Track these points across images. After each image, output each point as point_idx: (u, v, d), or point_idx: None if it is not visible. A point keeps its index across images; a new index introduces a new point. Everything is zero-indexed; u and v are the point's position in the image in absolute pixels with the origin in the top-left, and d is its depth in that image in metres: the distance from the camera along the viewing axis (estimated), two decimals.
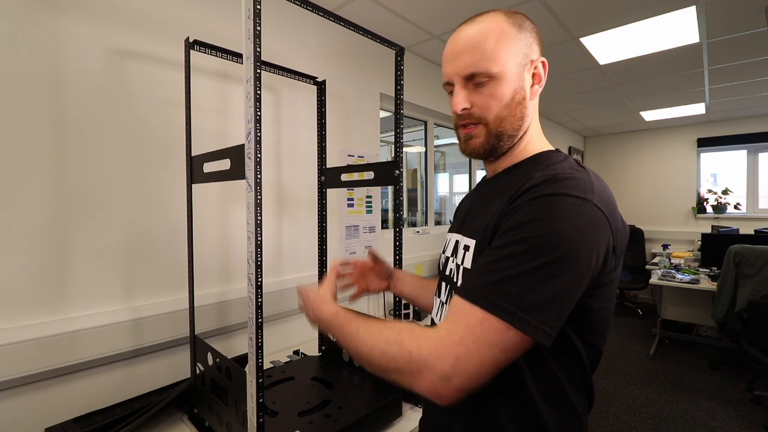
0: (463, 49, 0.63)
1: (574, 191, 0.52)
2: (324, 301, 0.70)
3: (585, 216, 0.51)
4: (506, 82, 0.62)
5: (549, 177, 0.55)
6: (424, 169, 2.77)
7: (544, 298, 0.48)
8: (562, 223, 0.49)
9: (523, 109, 0.65)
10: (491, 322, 0.48)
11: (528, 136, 0.68)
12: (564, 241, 0.49)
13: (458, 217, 0.80)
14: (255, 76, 0.69)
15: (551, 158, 0.64)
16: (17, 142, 0.95)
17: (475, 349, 0.47)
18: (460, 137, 0.69)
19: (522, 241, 0.50)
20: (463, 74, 0.63)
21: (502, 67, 0.61)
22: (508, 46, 0.62)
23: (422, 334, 0.51)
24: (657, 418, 2.42)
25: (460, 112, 0.64)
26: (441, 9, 1.76)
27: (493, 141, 0.65)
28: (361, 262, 0.96)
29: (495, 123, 0.64)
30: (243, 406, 0.77)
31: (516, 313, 0.47)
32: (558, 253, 0.48)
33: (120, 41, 1.12)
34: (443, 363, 0.48)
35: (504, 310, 0.48)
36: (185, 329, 1.14)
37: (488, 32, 0.62)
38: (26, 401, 0.96)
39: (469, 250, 0.64)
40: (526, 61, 0.64)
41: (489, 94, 0.62)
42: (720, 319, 2.75)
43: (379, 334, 0.56)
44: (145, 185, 1.17)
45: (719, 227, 4.01)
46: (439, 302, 0.76)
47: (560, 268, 0.48)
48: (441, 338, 0.49)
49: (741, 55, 2.39)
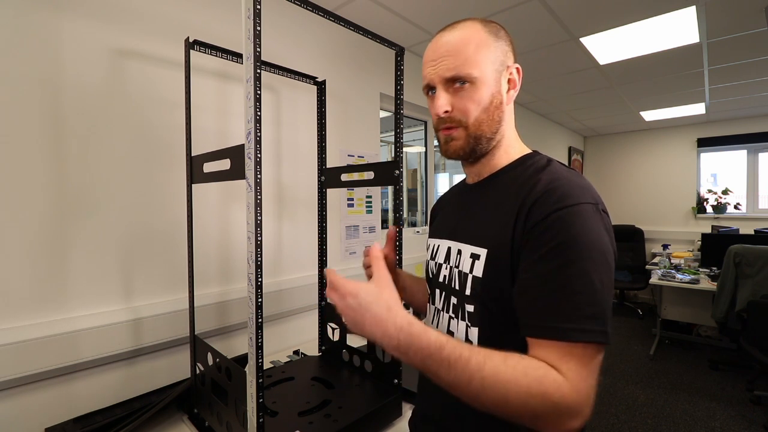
0: (446, 54, 0.65)
1: (587, 198, 0.57)
2: (393, 313, 0.52)
3: (602, 221, 0.57)
4: (485, 87, 0.65)
5: (558, 186, 0.58)
6: (424, 169, 2.77)
7: (608, 305, 0.53)
8: (593, 234, 0.54)
9: (500, 113, 0.68)
10: (593, 349, 0.52)
11: (507, 140, 0.71)
12: (606, 251, 0.55)
13: (444, 223, 0.80)
14: (255, 76, 0.69)
15: (538, 161, 0.68)
16: (17, 141, 0.95)
17: (593, 380, 0.52)
18: (441, 139, 0.71)
19: (571, 262, 0.53)
20: (445, 77, 0.65)
21: (482, 72, 0.65)
22: (487, 53, 0.65)
23: (561, 382, 0.49)
24: (657, 418, 2.42)
25: (442, 114, 0.66)
26: (441, 9, 1.76)
27: (473, 143, 0.67)
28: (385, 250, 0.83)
29: (474, 126, 0.66)
30: (243, 406, 0.77)
31: (605, 331, 0.52)
32: (606, 264, 0.54)
33: (120, 41, 1.12)
34: (585, 409, 0.50)
35: (599, 334, 0.51)
36: (185, 329, 1.14)
37: (468, 39, 0.65)
38: (26, 401, 0.96)
39: (479, 258, 0.64)
40: (503, 68, 0.67)
41: (469, 97, 0.65)
42: (720, 319, 2.75)
43: (515, 382, 0.49)
44: (145, 185, 1.17)
45: (719, 227, 4.01)
46: (434, 309, 0.76)
47: (608, 276, 0.54)
48: (576, 387, 0.49)
49: (741, 55, 2.39)
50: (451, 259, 0.71)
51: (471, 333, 0.66)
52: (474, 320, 0.65)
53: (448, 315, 0.71)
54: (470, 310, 0.66)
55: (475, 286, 0.64)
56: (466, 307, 0.66)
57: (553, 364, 0.51)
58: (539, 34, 2.04)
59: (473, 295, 0.65)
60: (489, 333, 0.64)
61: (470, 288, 0.65)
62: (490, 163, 0.72)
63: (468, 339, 0.66)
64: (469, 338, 0.66)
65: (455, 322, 0.69)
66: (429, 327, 0.52)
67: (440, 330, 0.70)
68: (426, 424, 0.76)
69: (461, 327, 0.68)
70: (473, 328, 0.65)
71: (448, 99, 0.66)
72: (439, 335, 0.51)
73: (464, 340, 0.65)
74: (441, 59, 0.65)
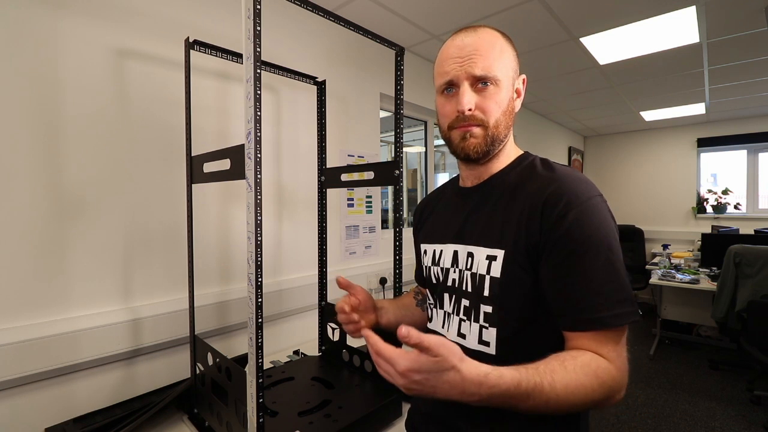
0: (474, 53, 0.66)
1: (594, 192, 0.62)
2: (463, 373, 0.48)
3: (609, 210, 0.62)
4: (505, 90, 0.68)
5: (566, 184, 0.62)
6: (424, 169, 2.77)
7: (629, 284, 0.59)
8: (608, 224, 0.60)
9: (512, 118, 0.71)
10: (624, 328, 0.59)
11: (509, 144, 0.74)
12: (616, 236, 0.61)
13: (443, 227, 0.79)
14: (255, 76, 0.69)
15: (534, 160, 0.72)
16: (16, 141, 0.95)
17: (626, 354, 0.60)
18: (455, 137, 0.70)
19: (596, 256, 0.58)
20: (475, 74, 0.66)
21: (504, 76, 0.67)
22: (507, 59, 0.68)
23: (609, 367, 0.56)
24: (657, 418, 2.42)
25: (467, 111, 0.66)
26: (441, 9, 1.76)
27: (489, 144, 0.68)
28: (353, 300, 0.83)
29: (494, 127, 0.68)
30: (243, 406, 0.77)
31: (635, 310, 0.58)
32: (619, 248, 0.60)
33: (120, 41, 1.12)
34: (626, 382, 0.58)
35: (631, 314, 0.57)
36: (185, 329, 1.14)
37: (494, 42, 0.68)
38: (26, 401, 0.96)
39: (495, 260, 0.65)
40: (516, 75, 0.71)
41: (492, 98, 0.67)
42: (720, 319, 2.75)
43: (582, 386, 0.53)
44: (145, 185, 1.17)
45: (719, 227, 4.01)
46: (443, 313, 0.75)
47: (621, 258, 0.60)
48: (619, 366, 0.57)
49: (741, 55, 2.39)
50: (460, 263, 0.72)
51: (488, 334, 0.66)
52: (492, 321, 0.66)
53: (458, 318, 0.71)
54: (487, 311, 0.66)
55: (494, 287, 0.65)
56: (482, 308, 0.67)
57: (595, 350, 0.57)
58: (539, 34, 2.04)
59: (491, 296, 0.65)
60: (506, 332, 0.65)
61: (488, 289, 0.65)
62: (492, 165, 0.73)
63: (484, 340, 0.66)
64: (485, 339, 0.66)
65: (467, 325, 0.69)
66: (496, 367, 0.51)
67: (451, 333, 0.71)
68: (428, 423, 0.76)
69: (474, 329, 0.68)
70: (491, 328, 0.66)
71: (474, 97, 0.66)
72: (511, 373, 0.51)
73: (478, 342, 0.67)
74: (469, 57, 0.66)
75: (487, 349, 0.66)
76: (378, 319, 0.87)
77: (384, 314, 0.88)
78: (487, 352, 0.66)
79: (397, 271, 1.09)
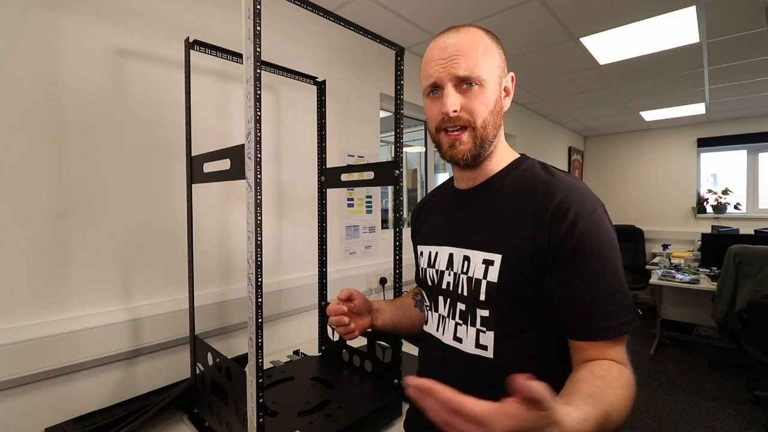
0: (456, 54, 0.65)
1: (596, 203, 0.63)
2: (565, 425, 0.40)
3: (609, 219, 0.64)
4: (491, 90, 0.67)
5: (571, 194, 0.62)
6: (424, 169, 2.77)
7: (629, 290, 0.61)
8: (611, 234, 0.62)
9: (501, 118, 0.70)
10: (625, 338, 0.61)
11: (501, 145, 0.73)
12: (617, 244, 0.62)
13: (439, 229, 0.79)
14: (255, 76, 0.69)
15: (531, 165, 0.71)
16: (17, 141, 0.95)
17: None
18: (444, 143, 0.70)
19: (603, 267, 0.59)
20: (458, 75, 0.65)
21: (489, 75, 0.67)
22: (492, 58, 0.67)
23: (629, 373, 0.58)
24: (657, 418, 2.42)
25: (452, 113, 0.66)
26: (441, 9, 1.76)
27: (479, 147, 0.68)
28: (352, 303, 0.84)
29: (482, 128, 0.67)
30: (243, 406, 0.77)
31: (636, 316, 0.60)
32: (620, 256, 0.62)
33: (120, 41, 1.12)
34: None
35: (634, 320, 0.60)
36: (185, 329, 1.14)
37: (477, 42, 0.67)
38: (26, 401, 0.96)
39: (493, 264, 0.65)
40: (503, 74, 0.70)
41: (477, 98, 0.66)
42: (720, 319, 2.75)
43: (623, 400, 0.53)
44: (145, 185, 1.17)
45: (719, 227, 4.01)
46: (438, 316, 0.75)
47: (622, 268, 0.62)
48: (628, 365, 0.59)
49: (741, 55, 2.39)
50: (456, 266, 0.71)
51: (485, 338, 0.66)
52: (489, 324, 0.66)
53: (454, 321, 0.71)
54: (484, 315, 0.66)
55: (491, 291, 0.65)
56: (479, 312, 0.67)
57: (607, 357, 0.58)
58: (539, 34, 2.04)
59: (488, 300, 0.65)
60: (504, 336, 0.65)
61: (485, 293, 0.65)
62: (486, 167, 0.73)
63: (481, 344, 0.66)
64: (483, 343, 0.66)
65: (463, 329, 0.69)
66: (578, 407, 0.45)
67: (447, 337, 0.72)
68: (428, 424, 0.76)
69: (471, 333, 0.68)
70: (488, 332, 0.66)
71: (459, 98, 0.66)
72: (587, 409, 0.46)
73: (475, 346, 0.67)
74: (451, 58, 0.65)
75: (485, 353, 0.66)
76: (373, 321, 0.87)
77: (380, 316, 0.88)
78: (485, 356, 0.66)
79: (397, 271, 1.09)
